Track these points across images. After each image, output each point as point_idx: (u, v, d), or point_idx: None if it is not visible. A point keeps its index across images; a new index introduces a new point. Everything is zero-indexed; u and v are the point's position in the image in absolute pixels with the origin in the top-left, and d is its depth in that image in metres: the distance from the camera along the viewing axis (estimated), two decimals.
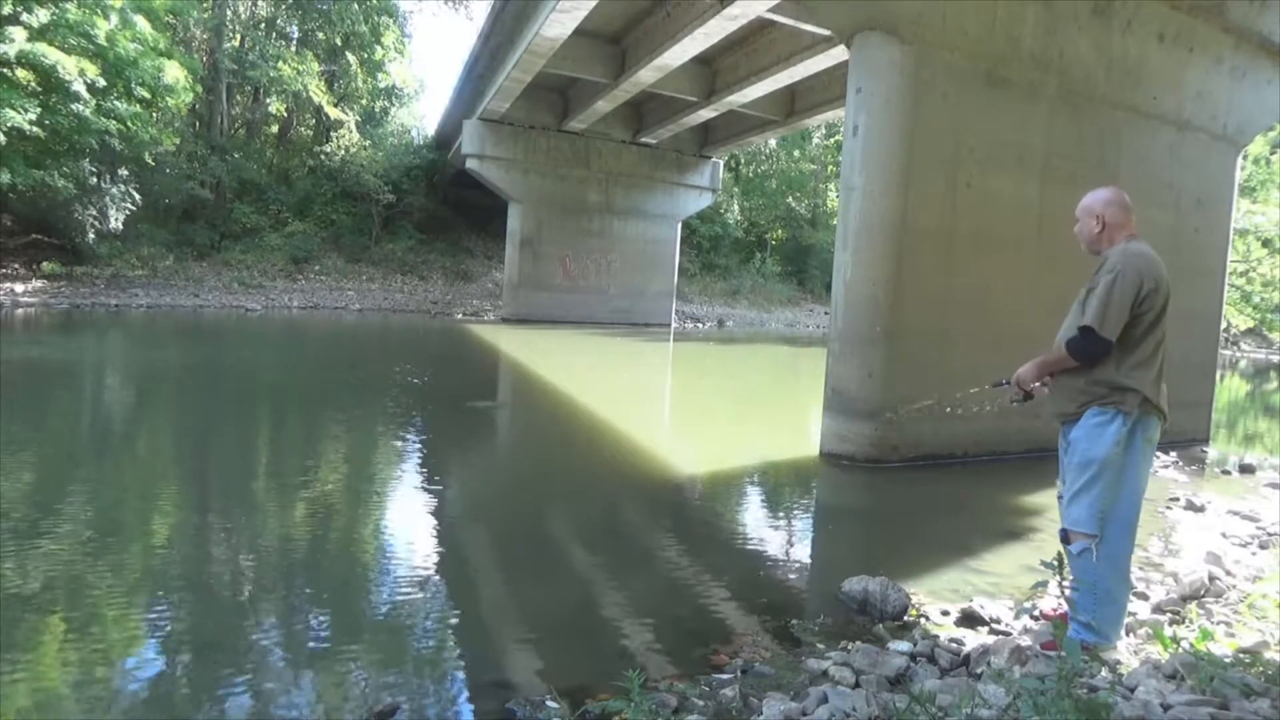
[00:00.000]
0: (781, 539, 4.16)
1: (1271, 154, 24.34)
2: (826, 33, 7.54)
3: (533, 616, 2.84)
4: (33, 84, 14.61)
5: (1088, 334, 2.46)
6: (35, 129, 14.29)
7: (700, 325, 24.27)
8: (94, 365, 9.02)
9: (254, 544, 3.43)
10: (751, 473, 5.59)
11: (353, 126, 24.66)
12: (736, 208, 31.07)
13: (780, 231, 33.70)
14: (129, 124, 15.96)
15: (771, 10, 8.92)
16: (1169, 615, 2.94)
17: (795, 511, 4.93)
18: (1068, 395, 2.60)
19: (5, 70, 14.17)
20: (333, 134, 24.24)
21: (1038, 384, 2.71)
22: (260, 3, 24.85)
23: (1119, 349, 2.48)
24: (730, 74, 14.71)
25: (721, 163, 23.33)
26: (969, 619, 2.87)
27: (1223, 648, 2.45)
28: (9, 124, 13.76)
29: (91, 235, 17.92)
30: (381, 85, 28.36)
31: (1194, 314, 7.08)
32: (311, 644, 2.53)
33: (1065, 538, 2.55)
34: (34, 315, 14.11)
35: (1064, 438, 2.69)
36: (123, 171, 18.37)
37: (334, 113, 24.29)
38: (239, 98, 25.05)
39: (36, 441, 5.13)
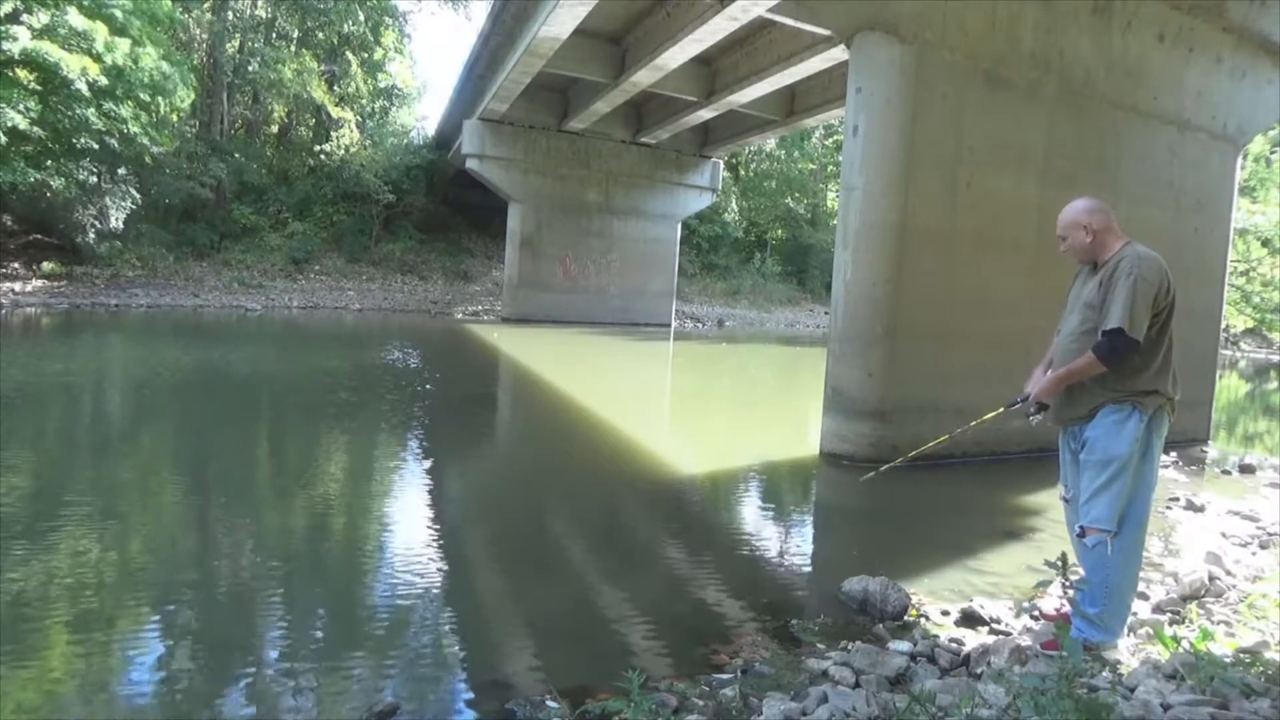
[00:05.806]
0: (781, 539, 4.16)
1: (1271, 154, 24.32)
2: (826, 33, 7.53)
3: (533, 616, 2.84)
4: (32, 83, 14.59)
5: (1118, 336, 2.42)
6: (35, 128, 14.26)
7: (700, 325, 24.27)
8: (98, 366, 9.01)
9: (255, 543, 3.43)
10: (751, 472, 5.59)
11: (353, 126, 24.64)
12: (735, 207, 31.02)
13: (780, 231, 33.67)
14: (128, 124, 15.93)
15: (771, 10, 8.90)
16: (1169, 615, 2.94)
17: (795, 511, 4.93)
18: (1080, 399, 2.59)
19: (5, 70, 14.15)
20: (333, 134, 24.23)
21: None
22: (260, 2, 24.83)
23: (1137, 353, 2.47)
24: (730, 74, 14.69)
25: (721, 162, 23.31)
26: (969, 619, 2.88)
27: (1223, 648, 2.45)
28: (9, 123, 13.75)
29: (91, 235, 17.88)
30: (381, 85, 28.33)
31: (1194, 314, 7.07)
32: (312, 644, 2.53)
33: (1081, 533, 2.56)
34: (34, 315, 14.10)
35: (1071, 439, 2.68)
36: (122, 171, 18.33)
37: (336, 112, 24.25)
38: (239, 98, 25.02)
39: (40, 442, 5.13)
